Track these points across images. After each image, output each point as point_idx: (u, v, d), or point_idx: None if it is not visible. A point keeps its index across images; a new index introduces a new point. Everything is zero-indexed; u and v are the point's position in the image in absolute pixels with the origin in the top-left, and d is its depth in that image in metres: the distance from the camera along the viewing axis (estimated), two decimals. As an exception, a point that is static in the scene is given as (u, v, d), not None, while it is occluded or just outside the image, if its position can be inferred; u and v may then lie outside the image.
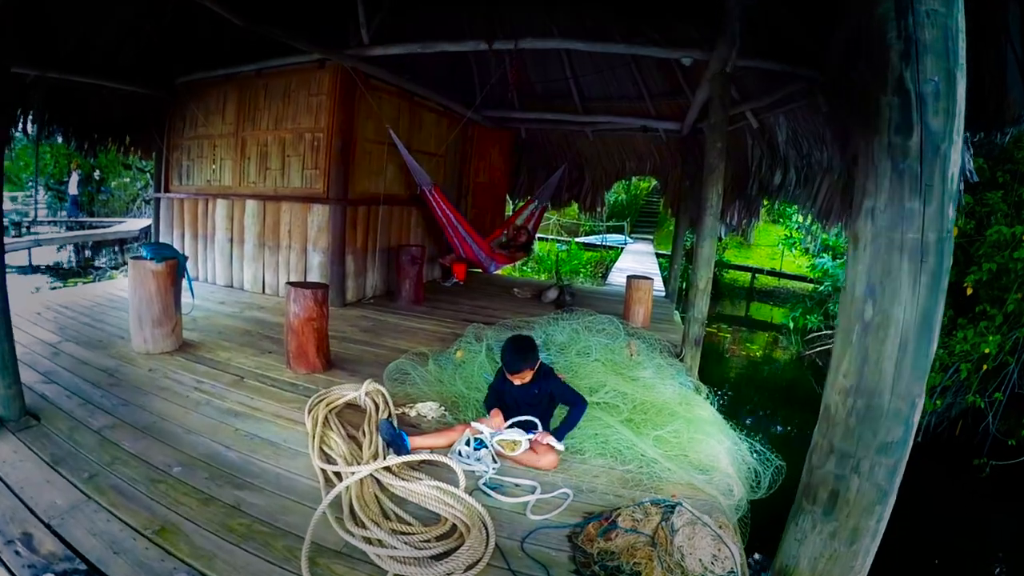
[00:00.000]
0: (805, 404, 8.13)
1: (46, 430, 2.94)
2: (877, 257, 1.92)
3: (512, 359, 3.00)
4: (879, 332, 1.91)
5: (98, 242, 13.65)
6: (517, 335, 3.17)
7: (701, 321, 4.95)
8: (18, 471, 2.55)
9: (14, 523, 2.21)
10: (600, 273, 17.08)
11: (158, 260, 4.22)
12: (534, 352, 3.01)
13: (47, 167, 17.41)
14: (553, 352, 4.27)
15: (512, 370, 3.00)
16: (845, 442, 2.03)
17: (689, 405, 3.39)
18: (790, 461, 3.10)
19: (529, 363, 2.99)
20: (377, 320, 6.20)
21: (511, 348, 3.04)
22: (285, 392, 3.84)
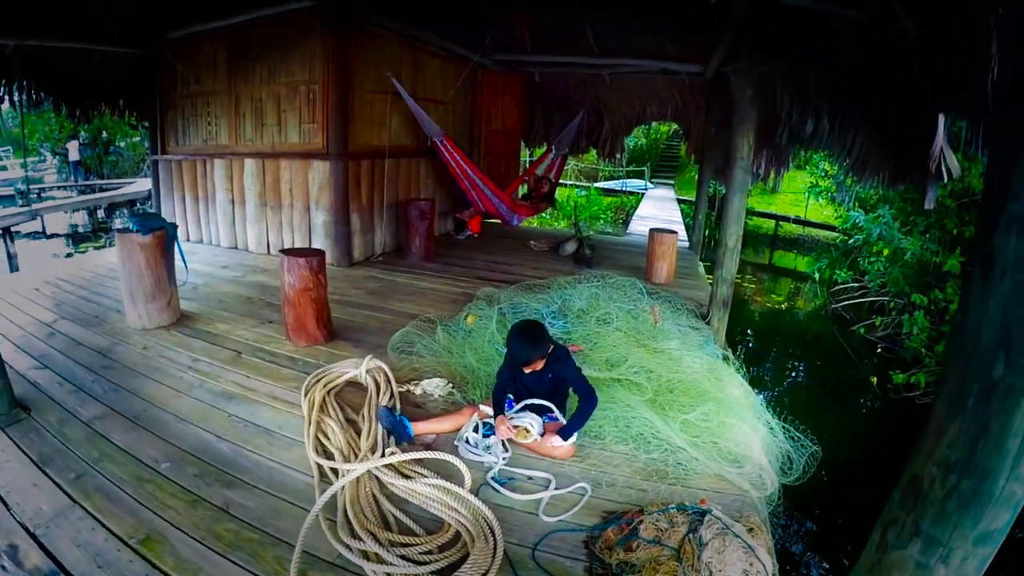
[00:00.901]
0: (830, 357, 7.82)
1: (35, 424, 2.77)
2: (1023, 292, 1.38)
3: (520, 350, 2.66)
4: (1010, 399, 1.42)
5: (111, 204, 13.52)
6: (523, 322, 2.82)
7: (730, 282, 4.59)
8: (5, 473, 2.40)
9: (1, 534, 2.07)
10: (620, 220, 16.52)
11: (144, 232, 3.96)
12: (544, 339, 2.69)
13: (53, 132, 17.13)
14: (571, 320, 3.97)
15: (522, 362, 2.71)
16: (937, 527, 1.62)
17: (719, 380, 3.10)
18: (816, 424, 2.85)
19: (540, 352, 2.67)
20: (385, 280, 5.95)
21: (519, 338, 2.67)
22: (283, 368, 3.64)
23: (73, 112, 6.93)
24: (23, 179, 11.88)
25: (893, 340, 7.22)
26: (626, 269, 6.81)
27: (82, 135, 16.53)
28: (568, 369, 2.78)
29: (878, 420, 6.16)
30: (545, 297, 4.50)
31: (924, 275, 6.99)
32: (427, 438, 2.92)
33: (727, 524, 2.03)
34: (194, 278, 5.40)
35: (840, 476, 2.96)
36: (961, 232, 6.61)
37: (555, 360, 2.77)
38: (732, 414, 2.79)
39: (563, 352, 2.81)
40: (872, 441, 5.70)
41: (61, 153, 17.27)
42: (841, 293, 9.00)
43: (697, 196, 8.78)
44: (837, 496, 4.04)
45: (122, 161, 18.14)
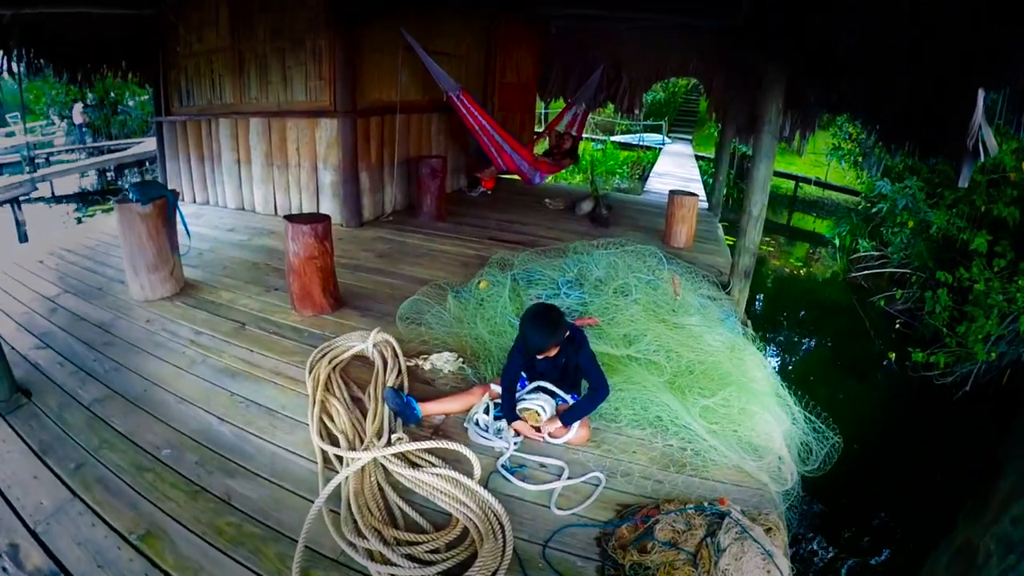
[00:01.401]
0: (847, 328, 7.56)
1: (36, 409, 2.70)
2: None
3: (535, 337, 2.46)
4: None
5: (119, 165, 13.36)
6: (538, 307, 2.59)
7: (752, 252, 4.36)
8: (6, 465, 2.33)
9: (1, 531, 2.01)
10: (637, 175, 16.05)
11: (144, 202, 3.80)
12: (560, 325, 2.50)
13: (59, 95, 16.84)
14: (588, 289, 3.77)
15: (535, 350, 2.53)
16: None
17: (741, 361, 2.93)
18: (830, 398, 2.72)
19: (555, 339, 2.49)
20: (395, 242, 5.77)
21: (533, 324, 2.47)
22: (287, 341, 3.53)
23: (74, 77, 6.73)
24: (28, 145, 11.72)
25: (913, 315, 6.95)
26: (644, 231, 6.57)
27: (89, 96, 16.23)
28: (583, 356, 2.60)
29: (894, 398, 5.96)
30: (560, 264, 4.29)
31: (949, 251, 6.69)
32: (435, 419, 2.81)
33: (746, 527, 1.90)
34: (199, 243, 5.28)
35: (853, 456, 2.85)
36: (989, 209, 6.28)
37: (570, 345, 2.60)
38: (754, 400, 2.63)
39: (579, 337, 2.62)
40: (887, 420, 5.52)
41: (67, 117, 17.04)
42: (861, 261, 8.66)
43: (717, 157, 8.37)
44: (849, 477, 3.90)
45: (131, 120, 17.82)
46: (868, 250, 8.43)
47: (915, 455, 4.89)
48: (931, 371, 5.59)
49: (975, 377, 5.41)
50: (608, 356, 3.01)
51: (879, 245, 8.32)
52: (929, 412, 5.57)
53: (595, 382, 2.61)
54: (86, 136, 16.37)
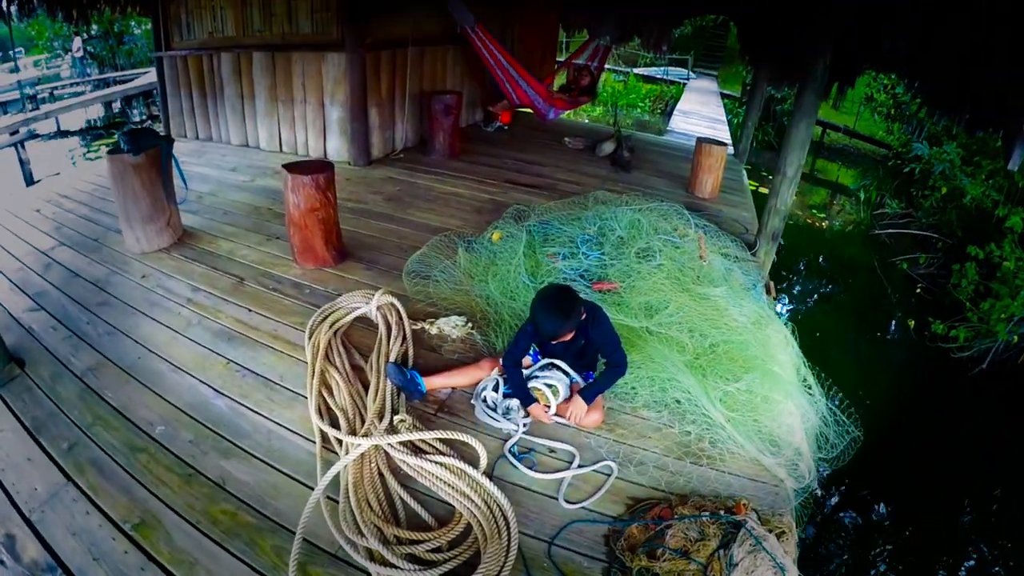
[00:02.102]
0: (866, 288, 7.22)
1: (29, 381, 2.61)
2: None
3: (547, 323, 2.25)
4: None
5: (127, 96, 12.90)
6: (551, 290, 2.35)
7: (783, 214, 4.10)
8: (0, 447, 2.28)
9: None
10: (659, 110, 15.32)
11: (136, 152, 3.58)
12: (575, 309, 2.27)
13: (62, 29, 16.05)
14: (608, 248, 3.53)
15: (548, 336, 2.32)
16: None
17: (766, 338, 2.73)
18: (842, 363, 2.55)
19: (570, 325, 2.28)
20: (404, 183, 5.52)
21: (545, 309, 2.25)
22: (287, 299, 3.40)
23: (69, 15, 6.27)
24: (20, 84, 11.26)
25: (935, 281, 6.61)
26: (668, 177, 6.25)
27: (94, 28, 15.51)
28: (603, 332, 2.40)
29: (909, 367, 5.74)
30: (580, 219, 4.03)
31: (981, 223, 6.33)
32: (441, 393, 2.70)
33: (760, 540, 1.79)
34: (200, 185, 5.09)
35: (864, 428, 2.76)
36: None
37: (588, 325, 2.40)
38: (777, 387, 2.46)
39: (597, 315, 2.42)
40: (900, 390, 5.33)
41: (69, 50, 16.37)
42: (885, 218, 8.19)
43: (748, 102, 7.74)
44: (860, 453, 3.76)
45: (137, 50, 17.04)
46: (895, 210, 8.01)
47: (926, 431, 4.76)
48: (949, 343, 5.38)
49: (993, 355, 5.18)
50: (627, 329, 2.83)
51: (906, 206, 7.89)
52: (944, 385, 5.40)
53: (615, 359, 2.44)
54: (88, 68, 15.81)
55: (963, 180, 6.54)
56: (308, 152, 6.03)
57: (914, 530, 3.83)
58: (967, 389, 5.17)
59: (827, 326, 6.40)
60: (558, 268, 3.37)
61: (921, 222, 7.33)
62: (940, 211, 7.01)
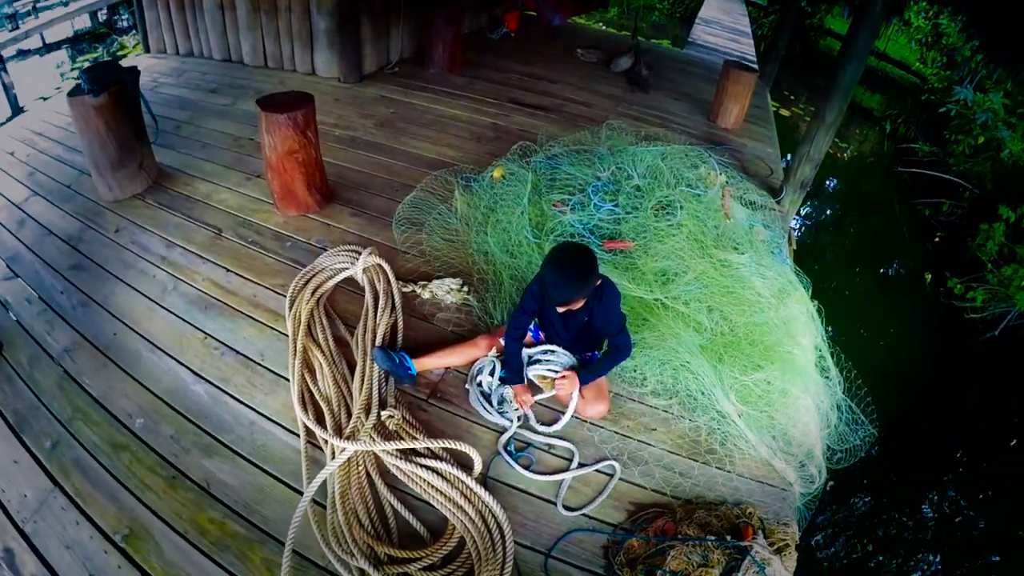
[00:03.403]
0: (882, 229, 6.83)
1: (7, 368, 2.59)
2: None
3: (559, 288, 2.05)
4: None
5: (112, 3, 11.85)
6: (567, 250, 2.11)
7: (816, 162, 3.83)
8: None
9: None
10: (678, 13, 14.00)
11: (97, 92, 3.28)
12: (592, 275, 2.07)
13: None
14: (623, 199, 3.25)
15: (558, 303, 2.14)
16: None
17: (788, 315, 2.57)
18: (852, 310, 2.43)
19: (584, 291, 2.10)
20: (399, 104, 5.17)
21: (558, 271, 2.04)
22: (267, 256, 3.27)
23: None
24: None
25: (956, 231, 6.21)
26: (689, 101, 5.83)
27: None
28: (608, 309, 2.24)
29: (920, 324, 5.50)
30: (592, 159, 3.71)
31: (1017, 180, 5.89)
32: (434, 374, 2.64)
33: (763, 565, 1.78)
34: (177, 112, 4.81)
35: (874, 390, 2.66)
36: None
37: (597, 299, 2.23)
38: (797, 379, 2.34)
39: (610, 291, 2.24)
40: (910, 349, 5.15)
41: None
42: (909, 154, 7.48)
43: (779, 21, 7.15)
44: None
45: None
46: (925, 153, 7.36)
47: (933, 394, 4.65)
48: (963, 302, 5.14)
49: (1007, 321, 4.95)
50: (638, 302, 2.67)
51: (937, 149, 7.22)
52: (954, 347, 5.20)
53: (618, 341, 2.31)
54: None
55: (1003, 132, 6.06)
56: (295, 67, 5.60)
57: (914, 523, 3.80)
58: (978, 355, 5.02)
59: (837, 263, 6.18)
60: (567, 221, 3.15)
61: (949, 166, 6.83)
62: (972, 159, 6.51)
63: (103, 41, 10.11)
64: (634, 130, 4.58)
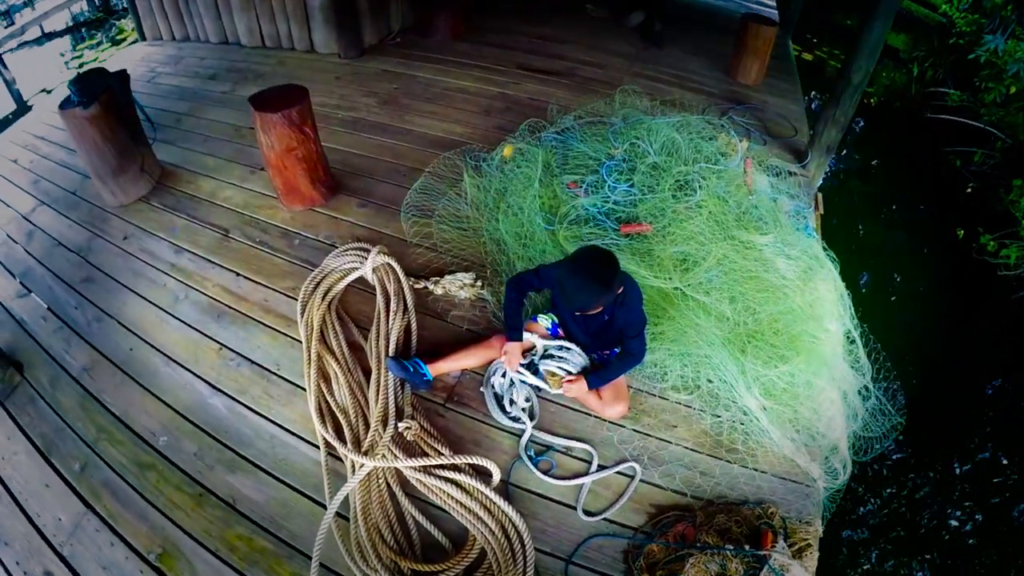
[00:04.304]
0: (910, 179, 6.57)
1: (30, 390, 2.74)
2: None
3: (580, 295, 2.06)
4: None
5: None
6: (592, 253, 2.10)
7: (842, 124, 3.71)
8: (19, 473, 2.45)
9: (33, 557, 2.19)
10: None
11: (88, 103, 3.34)
12: (615, 282, 2.06)
13: None
14: (639, 178, 3.19)
15: (576, 308, 2.16)
16: None
17: (815, 298, 2.54)
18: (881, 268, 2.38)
19: (603, 300, 2.10)
20: (402, 78, 5.12)
21: (579, 277, 2.04)
22: (276, 257, 3.33)
23: None
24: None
25: (988, 182, 5.87)
26: (706, 56, 5.65)
27: None
28: (630, 312, 2.24)
29: (950, 281, 5.31)
30: (604, 133, 3.63)
31: None
32: (450, 377, 2.71)
33: (781, 573, 1.83)
34: (177, 104, 4.86)
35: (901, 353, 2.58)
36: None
37: (620, 302, 2.22)
38: (822, 370, 2.33)
39: (630, 291, 2.23)
40: (941, 306, 5.00)
41: None
42: (937, 98, 7.02)
43: None
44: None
45: None
46: (956, 101, 6.91)
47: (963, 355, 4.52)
48: (996, 259, 4.95)
49: None
50: (656, 291, 2.67)
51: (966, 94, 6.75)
52: (985, 305, 5.05)
53: (633, 345, 2.32)
54: None
55: None
56: (293, 45, 5.56)
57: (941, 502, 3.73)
58: (1011, 315, 4.85)
59: (863, 217, 5.99)
60: (580, 206, 3.13)
61: (980, 114, 6.45)
62: (1004, 108, 6.15)
63: (102, 27, 10.10)
64: (649, 95, 4.46)
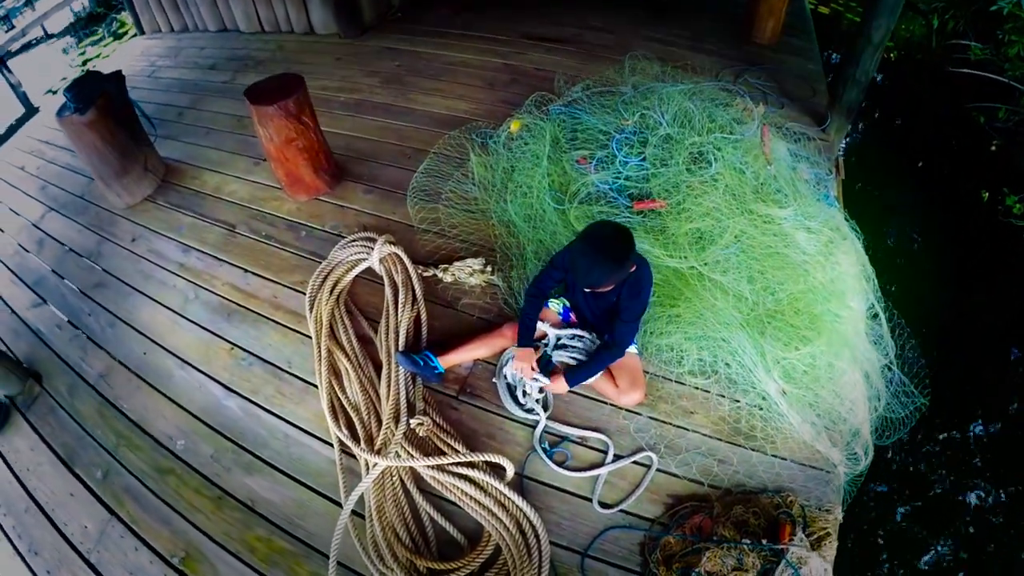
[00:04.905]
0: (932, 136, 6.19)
1: (50, 400, 2.86)
2: None
3: (591, 272, 2.00)
4: None
5: None
6: (605, 229, 2.04)
7: (863, 85, 3.55)
8: (44, 484, 2.57)
9: (63, 566, 2.31)
10: None
11: (84, 109, 3.39)
12: (628, 260, 1.99)
13: None
14: (651, 151, 3.10)
15: (587, 285, 2.11)
16: None
17: (835, 272, 2.45)
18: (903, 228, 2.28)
19: (615, 277, 2.04)
20: (404, 55, 5.09)
21: (592, 254, 1.97)
22: (284, 251, 3.37)
23: None
24: None
25: (1013, 139, 5.55)
26: (717, 19, 5.40)
27: None
28: (637, 296, 2.18)
29: (974, 244, 5.00)
30: (615, 103, 3.54)
31: None
32: (462, 368, 2.72)
33: (797, 567, 1.82)
34: (178, 98, 4.93)
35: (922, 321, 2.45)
36: None
37: (630, 284, 2.16)
38: (844, 351, 2.26)
39: (642, 275, 2.17)
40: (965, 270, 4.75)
41: None
42: (959, 51, 6.56)
43: None
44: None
45: None
46: (979, 55, 6.45)
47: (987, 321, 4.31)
48: (1022, 221, 4.69)
49: None
50: (671, 272, 2.62)
51: (989, 47, 6.28)
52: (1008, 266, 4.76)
53: (621, 334, 2.25)
54: None
55: None
56: (292, 27, 5.54)
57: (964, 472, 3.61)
58: None
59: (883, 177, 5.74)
60: (591, 183, 3.07)
61: (1004, 68, 6.05)
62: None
63: (103, 21, 10.19)
64: (660, 60, 4.32)
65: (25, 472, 2.63)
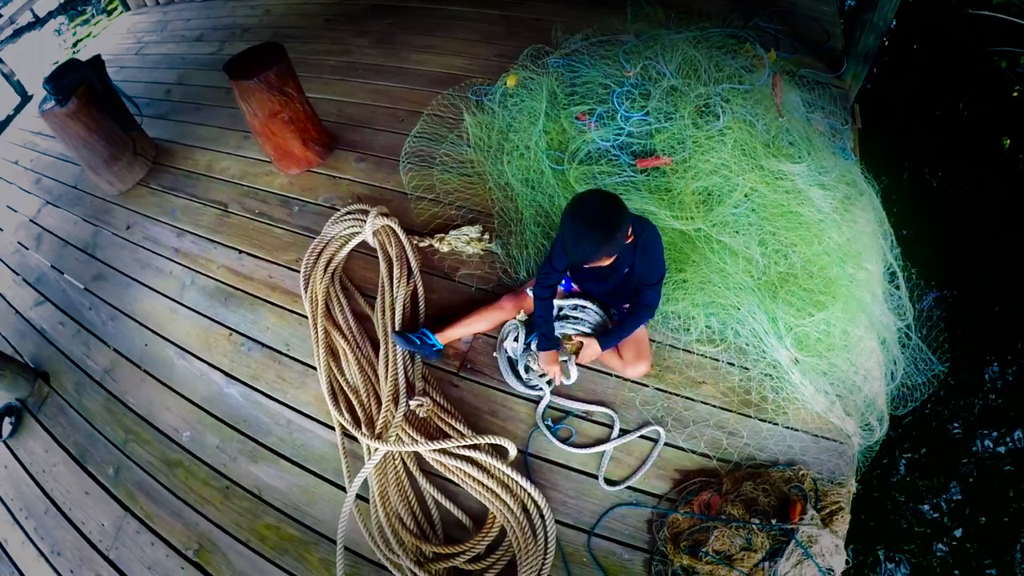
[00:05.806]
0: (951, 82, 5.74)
1: (59, 400, 2.97)
2: None
3: (580, 246, 1.88)
4: None
5: None
6: (590, 199, 1.90)
7: (881, 30, 3.29)
8: (60, 484, 2.70)
9: (85, 564, 2.45)
10: None
11: (64, 100, 3.39)
12: (620, 229, 1.86)
13: None
14: (655, 103, 2.97)
15: (579, 261, 1.98)
16: None
17: (852, 231, 2.35)
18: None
19: (608, 249, 1.90)
20: (395, 10, 4.94)
21: (579, 227, 1.86)
22: (277, 228, 3.37)
23: None
24: None
25: None
26: None
27: None
28: (651, 260, 2.10)
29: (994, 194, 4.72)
30: (616, 54, 3.38)
31: None
32: (462, 343, 2.73)
33: (807, 547, 1.81)
34: (166, 74, 4.90)
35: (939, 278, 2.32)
36: None
37: (640, 250, 2.09)
38: (860, 317, 2.19)
39: (648, 236, 2.08)
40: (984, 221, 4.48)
41: None
42: None
43: None
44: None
45: None
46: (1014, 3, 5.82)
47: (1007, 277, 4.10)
48: None
49: None
50: (678, 234, 2.55)
51: None
52: None
53: (647, 297, 2.20)
54: None
55: None
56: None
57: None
58: None
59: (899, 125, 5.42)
60: (591, 140, 2.98)
61: None
62: None
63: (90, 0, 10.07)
64: (664, 5, 4.10)
65: (41, 474, 2.75)
